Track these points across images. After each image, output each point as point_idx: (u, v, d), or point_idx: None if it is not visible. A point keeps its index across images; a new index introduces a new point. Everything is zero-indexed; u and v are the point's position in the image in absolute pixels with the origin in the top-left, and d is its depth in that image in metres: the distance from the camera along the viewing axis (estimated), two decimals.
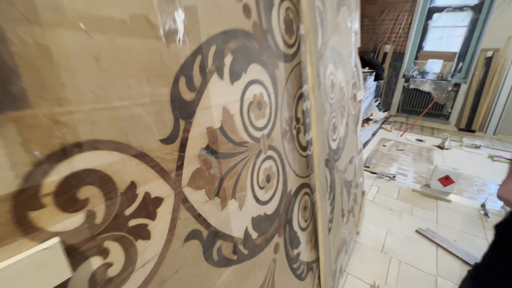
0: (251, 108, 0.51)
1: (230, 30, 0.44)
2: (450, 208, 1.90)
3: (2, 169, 0.20)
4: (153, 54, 0.31)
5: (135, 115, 0.30)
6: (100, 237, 0.27)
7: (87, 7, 0.25)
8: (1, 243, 0.21)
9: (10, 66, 0.20)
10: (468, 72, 4.13)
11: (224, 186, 0.45)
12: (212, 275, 0.43)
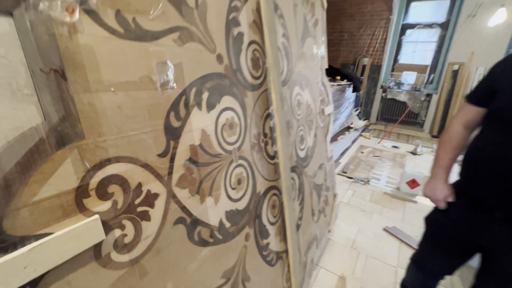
0: (224, 128, 0.68)
1: (206, 75, 0.62)
2: (416, 208, 2.12)
3: (70, 174, 0.37)
4: (153, 99, 0.49)
5: (141, 139, 0.47)
6: (120, 217, 0.43)
7: (114, 77, 0.42)
8: (69, 216, 0.37)
9: (75, 117, 0.37)
10: (438, 83, 4.48)
11: (203, 187, 0.61)
12: (194, 251, 0.59)
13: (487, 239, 0.76)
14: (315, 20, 1.33)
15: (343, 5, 4.99)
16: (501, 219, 0.73)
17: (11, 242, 0.32)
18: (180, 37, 0.54)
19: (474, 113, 0.83)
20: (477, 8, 3.71)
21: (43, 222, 0.34)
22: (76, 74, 0.37)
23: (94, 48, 0.39)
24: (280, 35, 0.97)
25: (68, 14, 0.36)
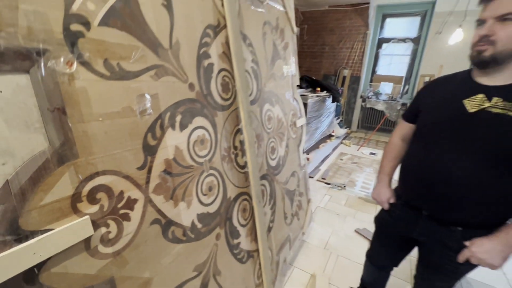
0: (195, 144, 0.82)
1: (180, 101, 0.75)
2: None
3: (67, 184, 0.49)
4: (133, 124, 0.62)
5: (123, 156, 0.59)
6: (105, 217, 0.56)
7: (102, 109, 0.55)
8: (66, 216, 0.49)
9: (72, 142, 0.50)
10: (412, 94, 4.78)
11: (176, 193, 0.74)
12: (168, 247, 0.71)
13: (417, 233, 0.92)
14: (285, 43, 1.50)
15: (324, 20, 5.28)
16: (426, 216, 0.89)
17: (24, 235, 0.43)
18: (156, 73, 0.68)
19: (407, 128, 1.00)
20: (443, 26, 4.05)
21: (47, 221, 0.46)
22: (73, 109, 0.50)
23: (87, 89, 0.52)
24: (249, 61, 1.13)
25: (68, 67, 0.49)
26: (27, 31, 0.43)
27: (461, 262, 0.81)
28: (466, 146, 0.77)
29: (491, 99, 0.74)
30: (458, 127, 0.79)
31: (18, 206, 0.43)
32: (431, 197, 0.86)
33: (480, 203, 0.77)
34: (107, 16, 0.56)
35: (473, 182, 0.76)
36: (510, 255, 0.74)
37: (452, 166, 0.79)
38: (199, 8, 0.83)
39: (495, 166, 0.73)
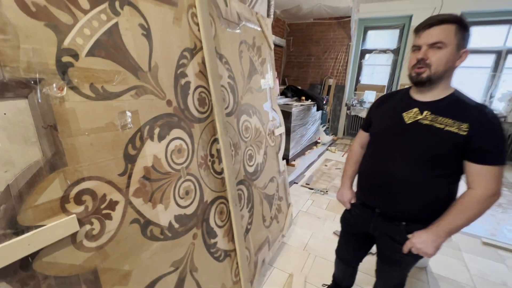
0: (173, 153, 0.92)
1: (158, 115, 0.87)
2: None
3: (57, 188, 0.59)
4: (115, 137, 0.72)
5: (106, 164, 0.70)
6: (90, 216, 0.66)
7: (88, 125, 0.66)
8: (56, 215, 0.59)
9: (62, 153, 0.60)
10: None
11: (155, 196, 0.85)
12: (146, 244, 0.81)
13: (372, 229, 1.05)
14: (262, 59, 1.64)
15: (309, 32, 5.51)
16: (378, 213, 1.02)
17: (21, 229, 0.53)
18: (136, 92, 0.79)
19: (364, 136, 1.13)
20: None
21: (40, 218, 0.56)
22: (63, 126, 0.61)
23: (75, 109, 0.63)
24: (225, 77, 1.25)
25: (59, 91, 0.60)
26: (27, 65, 0.54)
27: (406, 252, 0.93)
28: (404, 152, 0.90)
29: (423, 113, 0.89)
30: (398, 136, 0.93)
31: (17, 205, 0.53)
32: (379, 196, 0.99)
33: (418, 200, 0.90)
34: (93, 48, 0.67)
35: (411, 183, 0.89)
36: (441, 244, 0.86)
37: (394, 169, 0.92)
38: (177, 34, 0.95)
39: (427, 169, 0.87)
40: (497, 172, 0.80)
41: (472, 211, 0.82)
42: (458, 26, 0.81)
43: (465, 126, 0.81)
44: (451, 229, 0.85)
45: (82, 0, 0.65)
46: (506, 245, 2.04)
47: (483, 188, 0.81)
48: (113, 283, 0.71)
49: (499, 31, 4.33)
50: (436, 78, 0.84)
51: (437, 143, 0.84)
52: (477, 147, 0.80)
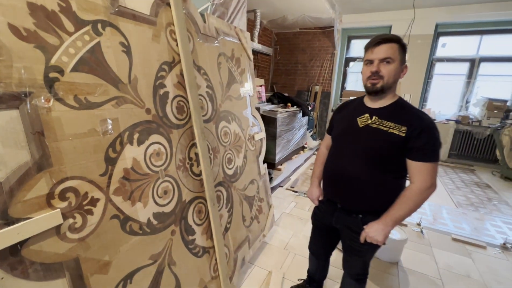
0: (152, 156, 1.02)
1: (138, 122, 0.97)
2: None
3: (43, 186, 0.68)
4: (96, 142, 0.82)
5: (88, 166, 0.79)
6: (72, 211, 0.75)
7: (72, 131, 0.75)
8: (42, 209, 0.68)
9: (48, 155, 0.70)
10: None
11: (134, 195, 0.94)
12: (126, 238, 0.90)
13: (335, 222, 1.16)
14: (241, 69, 1.77)
15: (296, 40, 5.71)
16: (339, 208, 1.13)
17: (11, 220, 0.62)
18: (117, 102, 0.89)
19: (329, 139, 1.26)
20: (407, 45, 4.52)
21: (28, 211, 0.65)
22: (49, 132, 0.70)
23: (60, 117, 0.73)
24: (204, 87, 1.37)
25: (47, 103, 0.69)
26: (18, 80, 0.64)
27: (362, 242, 1.04)
28: (356, 151, 1.03)
29: (372, 118, 1.02)
30: (352, 137, 1.05)
31: (8, 200, 0.62)
32: (338, 192, 1.11)
33: (369, 194, 1.03)
34: (77, 64, 0.77)
35: (363, 179, 1.02)
36: (389, 232, 0.98)
37: (348, 167, 1.04)
38: (155, 50, 1.07)
39: (375, 166, 0.99)
40: (431, 168, 0.93)
41: (413, 202, 0.95)
42: (400, 45, 0.95)
43: (404, 128, 0.94)
44: (397, 218, 0.97)
45: (68, 24, 0.75)
46: (474, 241, 2.19)
47: (420, 181, 0.94)
48: (94, 271, 0.79)
49: (472, 41, 4.60)
50: (387, 88, 0.98)
51: (382, 143, 0.97)
52: (414, 146, 0.93)
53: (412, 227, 2.38)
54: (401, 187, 1.02)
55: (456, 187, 3.51)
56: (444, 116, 4.85)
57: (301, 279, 1.62)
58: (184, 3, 1.23)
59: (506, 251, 2.10)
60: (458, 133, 4.61)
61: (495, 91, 4.53)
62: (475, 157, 4.57)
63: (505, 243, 2.16)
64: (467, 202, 3.03)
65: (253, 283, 1.65)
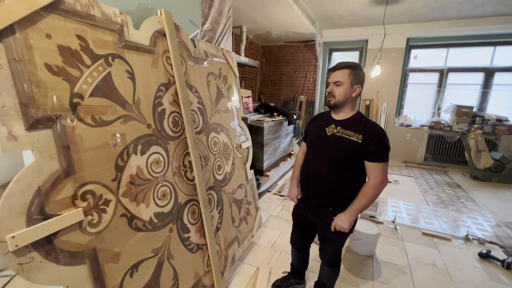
0: (152, 164, 1.20)
1: (140, 136, 1.15)
2: None
3: (69, 189, 0.86)
4: (108, 153, 1.00)
5: (102, 172, 0.97)
6: (91, 210, 0.92)
7: (90, 144, 0.93)
8: (68, 208, 0.85)
9: (73, 164, 0.87)
10: None
11: (138, 197, 1.11)
12: (132, 233, 1.07)
13: (311, 216, 1.37)
14: (228, 85, 1.98)
15: (281, 53, 6.02)
16: (314, 204, 1.34)
17: (47, 216, 0.79)
18: (124, 120, 1.08)
19: (305, 146, 1.47)
20: (374, 60, 4.90)
21: (58, 209, 0.82)
22: (74, 145, 0.88)
23: (81, 134, 0.91)
24: (195, 103, 1.56)
25: (71, 122, 0.88)
26: (51, 106, 0.82)
27: (332, 231, 1.25)
28: (325, 156, 1.25)
29: (337, 128, 1.24)
30: (322, 144, 1.27)
31: (44, 200, 0.79)
32: (312, 190, 1.32)
33: (337, 191, 1.24)
34: (94, 91, 0.96)
35: (330, 179, 1.23)
36: (353, 221, 1.20)
37: (319, 169, 1.26)
38: (154, 74, 1.26)
39: (341, 168, 1.22)
40: (382, 167, 1.16)
41: (370, 195, 1.17)
42: (351, 70, 1.19)
43: (360, 136, 1.17)
44: (358, 209, 1.19)
45: (86, 59, 0.94)
46: (441, 234, 2.44)
47: (374, 178, 1.16)
48: (108, 260, 0.96)
49: (440, 53, 5.04)
50: (340, 104, 1.22)
51: (344, 148, 1.20)
52: (368, 150, 1.16)
53: (387, 224, 2.61)
54: (361, 184, 1.24)
55: (430, 187, 3.81)
56: (419, 122, 5.23)
57: (285, 271, 1.80)
58: (177, 33, 1.44)
59: (468, 242, 2.36)
60: (432, 137, 4.98)
61: (462, 98, 4.96)
62: (448, 160, 4.94)
63: (468, 235, 2.42)
64: (438, 200, 3.32)
65: (243, 279, 1.82)
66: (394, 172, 4.54)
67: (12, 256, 0.71)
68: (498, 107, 4.78)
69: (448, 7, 3.81)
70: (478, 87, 4.85)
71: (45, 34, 0.82)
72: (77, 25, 0.92)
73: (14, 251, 0.71)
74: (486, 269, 2.00)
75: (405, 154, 5.19)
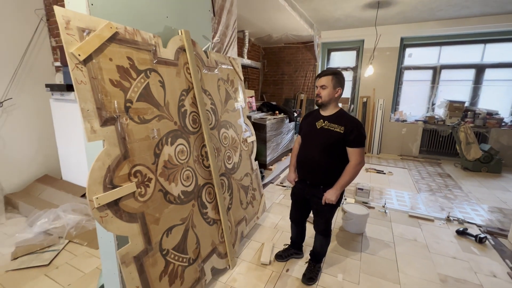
0: (178, 153, 1.54)
1: (170, 131, 1.49)
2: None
3: (126, 168, 1.19)
4: (150, 143, 1.34)
5: (146, 158, 1.31)
6: (140, 184, 1.25)
7: (137, 136, 1.27)
8: (126, 182, 1.19)
9: (128, 152, 1.21)
10: (355, 112, 5.82)
11: (169, 178, 1.45)
12: (166, 205, 1.41)
13: (306, 194, 1.70)
14: (235, 88, 2.31)
15: (282, 54, 6.32)
16: (309, 184, 1.67)
17: (114, 186, 1.13)
18: (158, 118, 1.41)
19: (300, 138, 1.80)
20: (370, 59, 5.18)
21: (121, 182, 1.16)
22: (128, 137, 1.22)
23: (132, 129, 1.24)
24: (209, 104, 1.90)
25: (126, 121, 1.21)
26: (114, 109, 1.16)
27: (323, 204, 1.58)
28: (317, 144, 1.58)
29: (325, 122, 1.57)
30: (313, 136, 1.60)
31: (112, 175, 1.12)
32: (307, 172, 1.65)
33: (326, 173, 1.57)
34: (138, 97, 1.30)
35: (321, 163, 1.56)
36: (339, 194, 1.53)
37: (312, 155, 1.59)
38: (178, 82, 1.60)
39: (328, 154, 1.55)
40: (360, 151, 1.49)
41: (351, 173, 1.50)
42: (333, 76, 1.51)
43: (342, 128, 1.49)
44: (343, 185, 1.52)
45: (133, 74, 1.28)
46: (425, 216, 2.75)
47: (354, 160, 1.49)
48: (151, 222, 1.30)
49: (433, 51, 5.30)
50: (326, 103, 1.54)
51: (331, 137, 1.52)
52: (349, 139, 1.48)
53: (378, 209, 2.93)
54: (344, 166, 1.57)
55: (421, 177, 4.10)
56: (414, 117, 5.50)
57: (286, 244, 2.13)
58: (194, 47, 1.77)
59: (449, 222, 2.67)
60: (426, 131, 5.25)
61: (455, 94, 5.22)
62: (441, 152, 5.22)
63: (449, 216, 2.73)
64: (428, 188, 3.62)
65: (250, 251, 2.15)
66: (389, 164, 4.84)
67: (96, 211, 1.05)
68: (489, 102, 5.04)
69: (437, 10, 4.08)
70: (470, 83, 5.10)
71: (109, 58, 1.16)
72: (127, 49, 1.26)
73: (97, 207, 1.05)
74: (461, 243, 2.31)
75: (401, 147, 5.47)
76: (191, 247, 1.56)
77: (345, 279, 1.83)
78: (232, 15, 2.33)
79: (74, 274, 1.84)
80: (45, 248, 2.12)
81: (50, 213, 2.42)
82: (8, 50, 2.72)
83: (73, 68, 1.02)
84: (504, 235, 2.41)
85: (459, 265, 2.00)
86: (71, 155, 2.90)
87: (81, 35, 1.05)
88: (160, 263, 1.33)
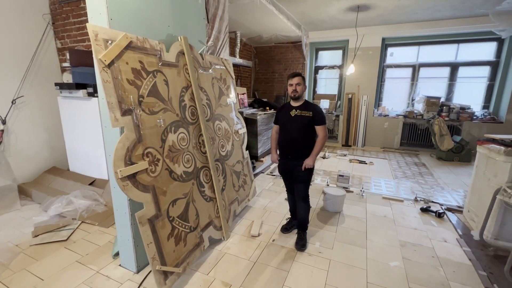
0: (180, 139, 1.86)
1: (173, 121, 1.80)
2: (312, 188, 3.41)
3: (140, 150, 1.51)
4: (158, 130, 1.65)
5: (155, 142, 1.62)
6: (151, 163, 1.57)
7: (148, 125, 1.58)
8: (140, 160, 1.50)
9: (141, 135, 1.53)
10: (342, 107, 6.19)
11: (174, 159, 1.77)
12: (171, 181, 1.73)
13: (290, 166, 2.07)
14: (227, 86, 2.63)
15: (272, 53, 6.63)
16: (290, 158, 2.04)
17: (132, 162, 1.44)
18: (164, 110, 1.72)
19: (277, 127, 2.16)
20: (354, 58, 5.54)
21: (136, 160, 1.47)
22: (141, 125, 1.53)
23: (144, 119, 1.56)
24: (205, 100, 2.22)
25: (139, 112, 1.53)
26: (130, 103, 1.47)
27: (303, 170, 1.95)
28: (294, 128, 1.96)
29: (297, 110, 1.94)
30: (290, 122, 1.98)
31: (130, 154, 1.44)
32: (288, 150, 2.02)
33: (303, 148, 1.95)
34: (148, 93, 1.61)
35: (299, 141, 1.95)
36: (314, 160, 1.92)
37: (292, 136, 1.97)
38: (179, 80, 1.91)
39: (303, 133, 1.93)
40: (323, 128, 1.92)
41: (320, 144, 1.94)
42: (301, 76, 1.89)
43: (310, 113, 1.89)
44: (316, 153, 1.95)
45: (144, 74, 1.59)
46: (396, 197, 3.13)
47: (321, 134, 1.92)
48: (160, 193, 1.61)
49: (413, 50, 5.70)
50: (300, 96, 1.92)
51: (304, 121, 1.91)
52: (315, 120, 1.88)
53: (356, 193, 3.30)
54: (314, 140, 1.95)
55: (399, 166, 4.50)
56: (396, 112, 5.91)
57: (288, 217, 2.50)
58: (191, 51, 2.08)
59: (416, 202, 3.05)
60: (406, 125, 5.66)
61: (432, 90, 5.64)
62: (419, 144, 5.64)
63: (416, 197, 3.11)
64: (403, 175, 4.01)
65: (242, 227, 2.48)
66: (372, 156, 5.23)
67: (120, 181, 1.36)
68: (462, 97, 5.47)
69: (412, 13, 4.45)
70: (445, 80, 5.52)
71: (126, 62, 1.47)
72: (139, 54, 1.57)
73: (121, 178, 1.36)
74: (423, 218, 2.69)
75: (383, 140, 5.88)
76: (192, 218, 1.89)
77: (322, 245, 2.18)
78: (224, 21, 2.64)
79: (90, 247, 2.14)
80: (61, 228, 2.41)
81: (63, 199, 2.71)
82: (19, 52, 2.98)
83: (101, 70, 1.33)
84: (460, 211, 2.81)
85: (418, 234, 2.38)
86: (78, 148, 3.17)
87: (105, 44, 1.36)
88: (167, 226, 1.65)
